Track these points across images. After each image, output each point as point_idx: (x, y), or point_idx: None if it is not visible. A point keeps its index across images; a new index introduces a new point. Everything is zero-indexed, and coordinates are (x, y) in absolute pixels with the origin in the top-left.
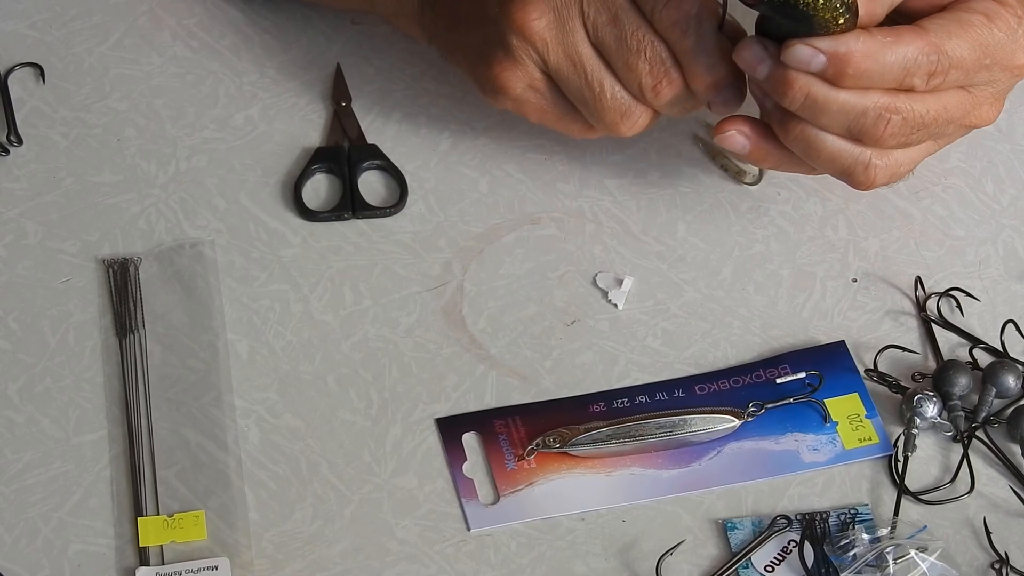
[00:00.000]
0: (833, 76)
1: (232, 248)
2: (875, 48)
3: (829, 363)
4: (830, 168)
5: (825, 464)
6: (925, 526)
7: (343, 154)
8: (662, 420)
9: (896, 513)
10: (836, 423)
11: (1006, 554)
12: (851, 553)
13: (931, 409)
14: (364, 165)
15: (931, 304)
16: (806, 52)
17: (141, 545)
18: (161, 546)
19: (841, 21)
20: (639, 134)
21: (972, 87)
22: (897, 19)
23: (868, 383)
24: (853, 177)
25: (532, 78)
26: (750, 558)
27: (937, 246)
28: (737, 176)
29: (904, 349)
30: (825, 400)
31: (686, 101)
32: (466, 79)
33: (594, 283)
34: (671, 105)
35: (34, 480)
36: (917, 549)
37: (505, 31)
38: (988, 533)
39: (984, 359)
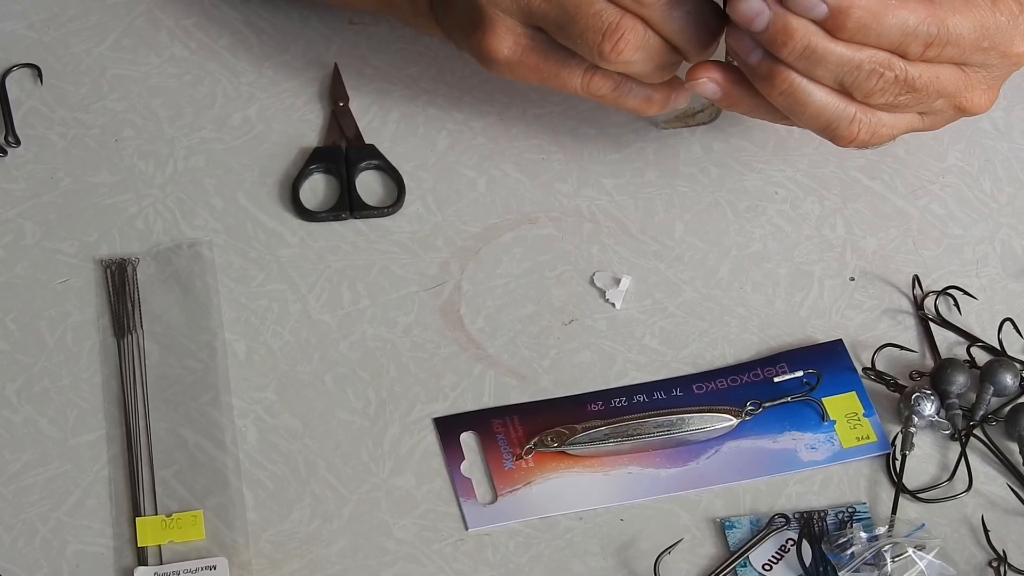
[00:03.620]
0: (832, 27)
1: (230, 248)
2: (878, 7)
3: (827, 362)
4: (814, 123)
5: (823, 463)
6: (923, 524)
7: (341, 154)
8: (660, 419)
9: (894, 511)
10: (834, 422)
11: (1004, 552)
12: (849, 551)
13: (929, 407)
14: (362, 165)
15: (929, 302)
16: None
17: (139, 545)
18: (159, 546)
19: None
20: (631, 63)
21: (967, 67)
22: None
23: (866, 382)
24: (835, 132)
25: (515, 34)
26: (748, 557)
27: (935, 245)
28: (689, 120)
29: (902, 348)
30: (823, 399)
31: (676, 7)
32: (469, 59)
33: (592, 282)
34: (665, 6)
35: (32, 480)
36: (915, 547)
37: None
38: (986, 531)
39: (982, 357)
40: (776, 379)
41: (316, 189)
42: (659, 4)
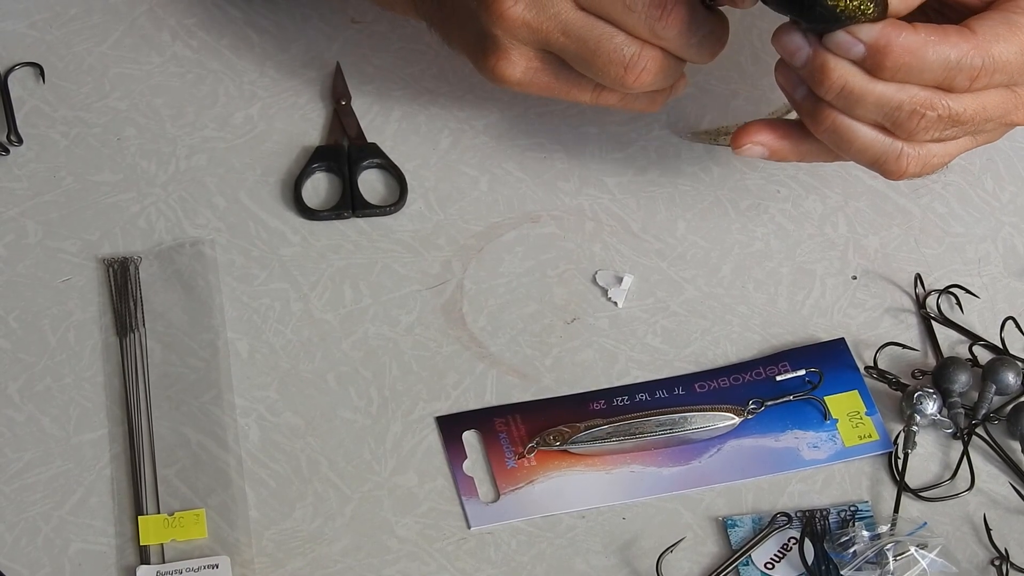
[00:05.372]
0: (872, 67)
1: (232, 247)
2: (917, 44)
3: (829, 360)
4: (861, 158)
5: (825, 461)
6: (925, 523)
7: (343, 153)
8: (662, 418)
9: (896, 510)
10: (836, 420)
11: (1006, 551)
12: (851, 550)
13: (931, 406)
14: (364, 164)
15: (931, 301)
16: (846, 40)
17: (142, 544)
18: (162, 545)
19: (870, 11)
20: (651, 86)
21: (1016, 86)
22: (944, 11)
23: (868, 380)
24: (884, 167)
25: (527, 60)
26: (750, 555)
27: (937, 243)
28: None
29: (904, 346)
30: (825, 397)
31: (692, 34)
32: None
33: (594, 281)
34: (682, 35)
35: (35, 479)
36: (917, 546)
37: (487, 24)
38: (988, 530)
39: (984, 356)
40: (778, 378)
41: (318, 188)
42: (677, 36)
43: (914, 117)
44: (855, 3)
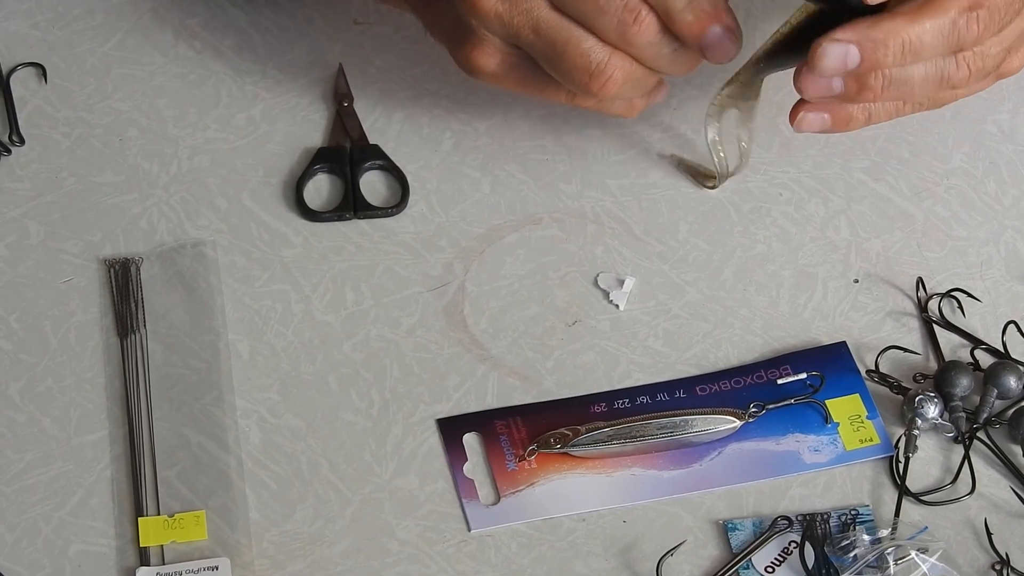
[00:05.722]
0: None
1: (234, 248)
2: None
3: (830, 364)
4: (927, 89)
5: (826, 465)
6: (926, 527)
7: (345, 154)
8: (663, 421)
9: (897, 514)
10: (837, 424)
11: (1007, 555)
12: (852, 554)
13: (932, 410)
14: (366, 165)
15: (933, 305)
16: None
17: (142, 545)
18: (162, 546)
19: None
20: (618, 95)
21: None
22: None
23: (869, 384)
24: (951, 81)
25: (502, 53)
26: (751, 559)
27: (939, 247)
28: (704, 180)
29: (905, 350)
30: (826, 401)
31: (665, 44)
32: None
33: (595, 283)
34: (654, 44)
35: (35, 480)
36: (918, 550)
37: (464, 12)
38: (989, 534)
39: (985, 360)
40: (779, 381)
41: (320, 189)
42: (648, 44)
43: (971, 23)
44: None
